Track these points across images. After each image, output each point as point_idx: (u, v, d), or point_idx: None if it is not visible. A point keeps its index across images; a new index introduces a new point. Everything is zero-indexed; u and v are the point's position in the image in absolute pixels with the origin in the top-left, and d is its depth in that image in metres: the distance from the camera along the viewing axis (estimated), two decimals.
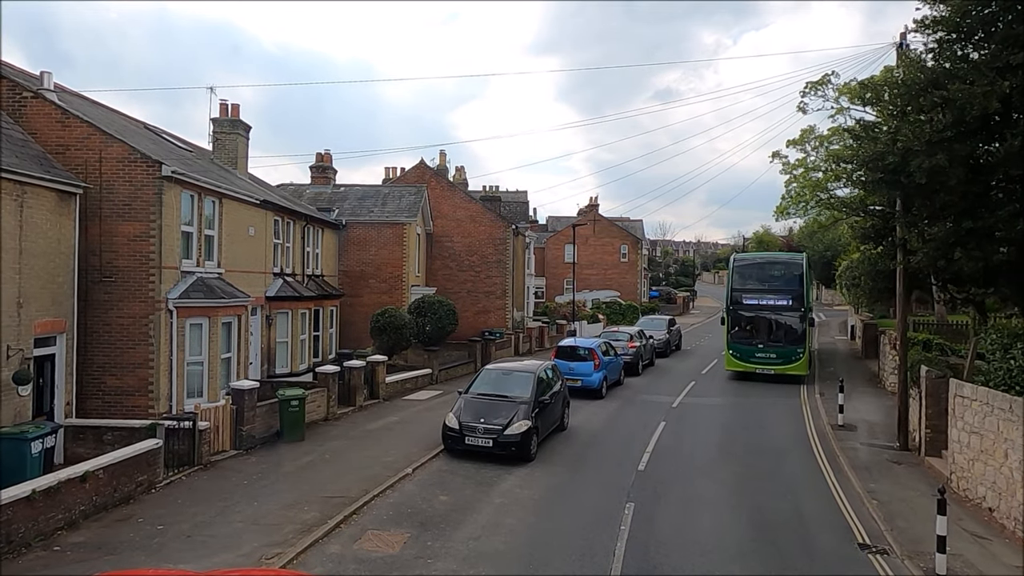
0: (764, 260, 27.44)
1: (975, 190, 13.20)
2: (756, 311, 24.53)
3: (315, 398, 17.45)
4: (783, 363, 23.89)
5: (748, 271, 25.66)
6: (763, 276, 25.17)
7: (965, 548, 9.97)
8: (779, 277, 24.83)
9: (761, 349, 24.28)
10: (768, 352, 24.18)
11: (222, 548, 9.40)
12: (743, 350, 24.62)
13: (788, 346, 23.89)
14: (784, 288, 24.34)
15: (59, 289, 13.43)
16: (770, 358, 24.12)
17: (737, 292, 25.04)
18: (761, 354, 24.26)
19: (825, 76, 21.97)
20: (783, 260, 26.42)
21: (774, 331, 24.33)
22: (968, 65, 13.09)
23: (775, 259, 27.72)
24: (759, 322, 24.53)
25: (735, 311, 24.83)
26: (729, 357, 25.07)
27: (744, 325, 24.70)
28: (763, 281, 24.91)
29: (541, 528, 10.54)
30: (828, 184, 25.66)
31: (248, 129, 23.24)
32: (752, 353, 24.41)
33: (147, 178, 14.70)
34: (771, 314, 24.32)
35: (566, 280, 54.64)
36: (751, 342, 24.48)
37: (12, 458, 11.25)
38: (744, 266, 26.10)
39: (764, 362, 24.20)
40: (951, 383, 13.43)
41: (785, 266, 25.45)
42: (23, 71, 16.26)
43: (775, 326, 24.32)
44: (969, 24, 12.86)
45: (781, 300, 24.25)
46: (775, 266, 25.76)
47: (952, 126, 12.44)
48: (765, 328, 24.44)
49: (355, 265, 29.30)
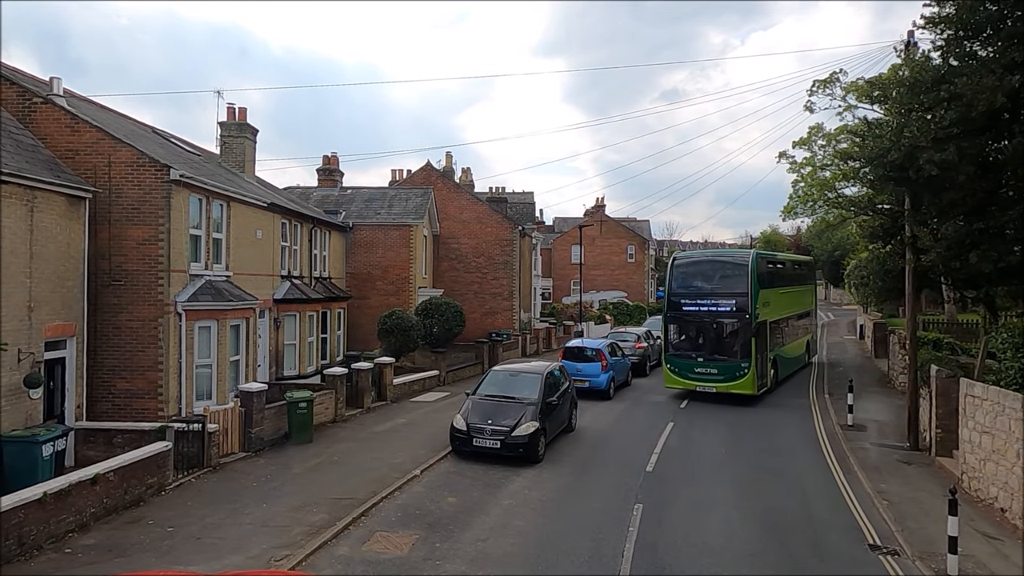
0: (707, 259, 24.15)
1: (985, 188, 13.12)
2: (696, 318, 21.39)
3: (323, 400, 17.51)
4: (725, 380, 20.53)
5: (690, 272, 22.36)
6: (706, 278, 21.92)
7: (977, 549, 9.90)
8: (723, 279, 21.47)
9: (701, 363, 21.02)
10: (708, 367, 20.87)
11: (231, 550, 9.44)
12: (681, 364, 21.49)
13: (731, 360, 20.54)
14: (728, 291, 20.95)
15: (69, 293, 13.52)
16: (711, 374, 20.81)
17: (676, 296, 21.85)
18: (701, 369, 20.99)
19: (833, 74, 21.76)
20: (728, 260, 23.10)
21: (716, 342, 21.05)
22: (976, 62, 13.02)
23: (719, 258, 24.44)
24: (699, 331, 21.43)
25: (673, 318, 21.88)
26: (667, 372, 21.96)
27: (683, 335, 21.76)
28: (705, 283, 21.70)
29: (549, 529, 10.53)
30: (836, 183, 25.39)
31: (255, 132, 23.35)
32: (691, 367, 21.19)
33: (155, 182, 14.79)
34: (712, 322, 21.07)
35: (573, 281, 54.59)
36: (690, 355, 21.34)
37: (23, 461, 11.33)
38: (686, 265, 22.77)
39: (705, 378, 20.92)
40: (962, 382, 13.34)
41: (730, 266, 21.82)
42: (33, 77, 16.40)
43: (717, 336, 21.07)
44: (976, 21, 12.78)
45: (724, 305, 20.85)
46: (719, 266, 22.38)
47: (958, 123, 12.37)
48: (706, 338, 21.28)
49: (362, 267, 29.37)
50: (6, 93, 14.56)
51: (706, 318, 21.16)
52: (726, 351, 20.78)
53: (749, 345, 20.25)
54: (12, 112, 14.36)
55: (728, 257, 24.07)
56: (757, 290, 20.65)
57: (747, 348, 20.26)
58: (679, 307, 21.69)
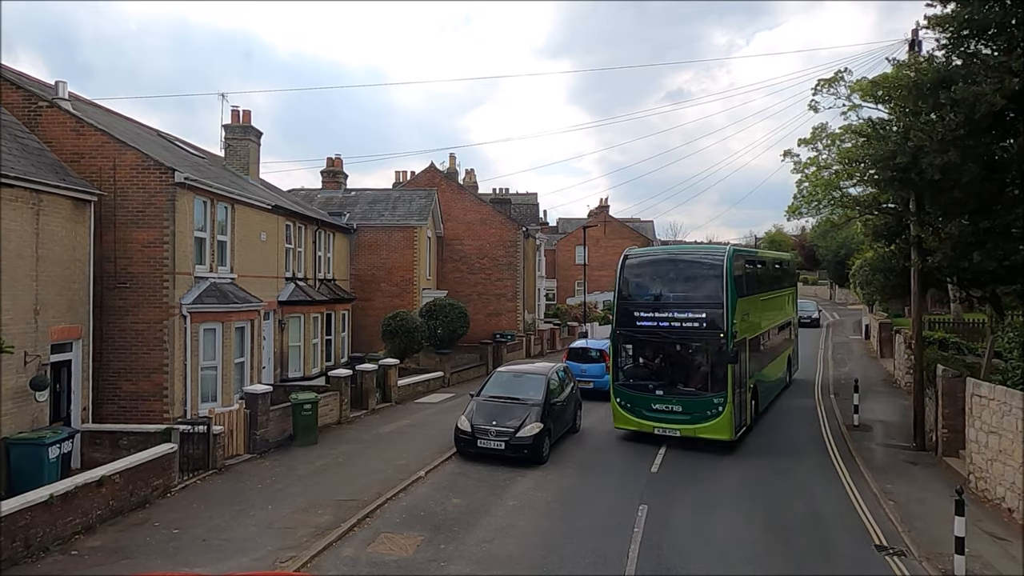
0: (668, 257, 18.09)
1: (990, 188, 13.08)
2: (654, 337, 16.02)
3: (328, 402, 17.53)
4: (692, 420, 15.31)
5: (645, 274, 17.10)
6: (667, 282, 16.62)
7: (984, 549, 9.85)
8: (690, 283, 16.33)
9: (660, 398, 15.69)
10: (670, 402, 15.57)
11: (237, 551, 9.46)
12: (634, 398, 16.02)
13: (700, 394, 15.37)
14: (696, 301, 15.76)
15: (75, 295, 13.58)
16: (673, 412, 15.54)
17: (627, 306, 16.50)
18: (660, 405, 15.65)
19: (838, 73, 21.65)
20: (696, 258, 17.27)
21: (680, 369, 15.95)
22: (980, 61, 12.98)
23: (684, 256, 18.05)
24: (658, 354, 16.22)
25: (624, 336, 16.39)
26: (616, 408, 16.30)
27: (636, 358, 16.49)
28: (666, 290, 16.44)
29: (554, 531, 10.52)
30: (840, 183, 25.29)
31: (259, 135, 23.44)
32: (648, 403, 15.81)
33: (160, 185, 14.85)
34: (675, 342, 15.81)
35: (577, 282, 54.56)
36: (646, 385, 15.98)
37: (30, 463, 11.40)
38: (640, 266, 17.29)
39: (665, 417, 15.60)
40: (968, 382, 13.28)
41: (699, 267, 16.51)
42: (38, 81, 16.48)
43: (681, 361, 15.94)
44: (980, 21, 12.74)
45: (690, 320, 15.58)
46: (685, 267, 16.89)
47: (963, 124, 12.34)
48: (667, 364, 16.08)
49: (366, 269, 29.42)
50: (12, 97, 14.64)
51: (667, 337, 15.81)
52: (693, 381, 15.72)
53: (724, 373, 15.09)
54: (18, 116, 14.44)
55: (696, 255, 17.84)
56: (735, 299, 15.44)
57: (721, 377, 15.12)
58: (631, 321, 16.29)
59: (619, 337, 16.54)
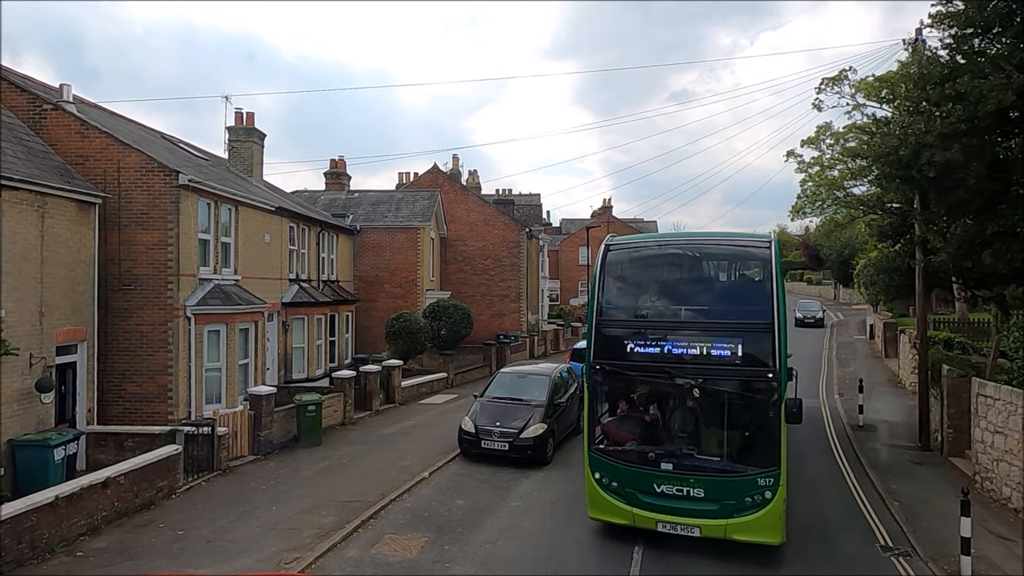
0: (678, 251, 11.14)
1: (994, 187, 13.02)
2: (656, 375, 9.82)
3: (332, 403, 17.55)
4: (719, 512, 9.41)
5: (641, 276, 10.92)
6: (677, 288, 10.54)
7: (990, 550, 9.81)
8: (716, 290, 10.70)
9: (669, 475, 9.62)
10: (684, 482, 9.56)
11: (242, 552, 9.48)
12: (623, 474, 9.97)
13: (734, 468, 9.53)
14: (728, 319, 9.89)
15: (80, 298, 13.62)
16: (690, 499, 9.54)
17: (611, 326, 10.24)
18: (669, 485, 9.61)
19: (842, 72, 21.65)
20: (723, 250, 11.15)
21: (699, 428, 9.84)
22: (984, 59, 12.93)
23: (703, 247, 11.05)
24: (663, 404, 10.07)
25: (605, 373, 10.08)
26: (592, 488, 10.25)
27: (626, 409, 10.49)
28: (676, 301, 10.32)
29: (558, 531, 10.52)
30: (844, 182, 25.25)
31: (263, 137, 23.49)
32: (647, 482, 9.74)
33: (164, 187, 14.89)
34: (695, 384, 9.45)
35: (581, 283, 54.54)
36: (644, 455, 9.90)
37: (36, 465, 11.44)
38: (631, 263, 11.05)
39: (675, 507, 9.60)
40: (973, 382, 13.24)
41: (729, 264, 11.16)
42: (43, 84, 16.55)
43: (703, 416, 9.77)
44: (985, 18, 12.70)
45: (720, 349, 9.51)
46: (704, 264, 10.93)
47: (966, 120, 12.28)
48: (678, 420, 9.95)
49: (370, 270, 29.46)
50: (17, 100, 14.70)
51: (679, 377, 9.46)
52: (723, 448, 9.66)
53: (773, 434, 9.25)
54: (23, 119, 14.50)
55: (723, 246, 11.17)
56: (784, 313, 9.45)
57: (769, 442, 9.29)
58: (617, 350, 9.96)
59: (598, 375, 9.98)
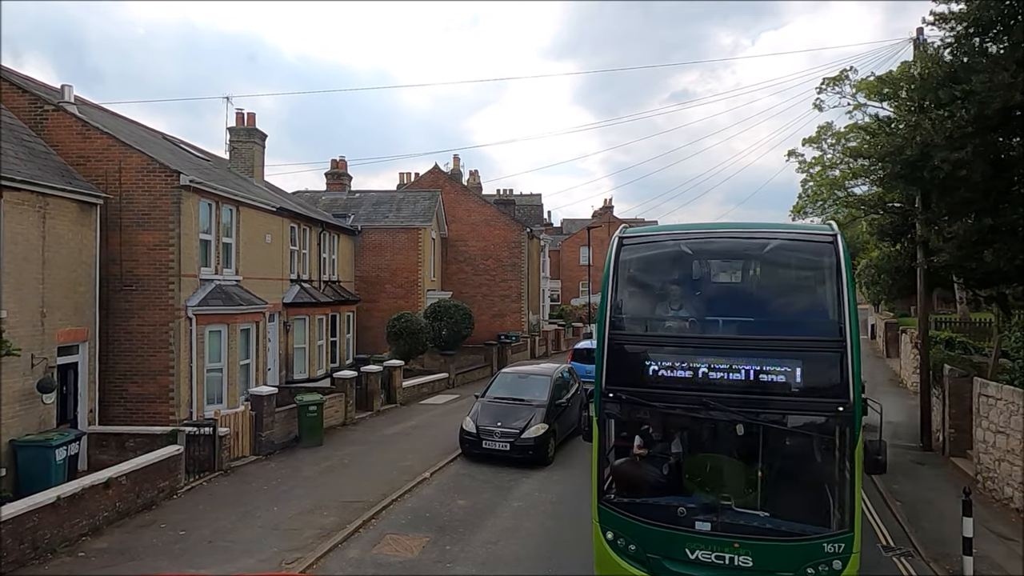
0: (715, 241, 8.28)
1: (997, 186, 13.01)
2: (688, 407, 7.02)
3: (333, 403, 17.56)
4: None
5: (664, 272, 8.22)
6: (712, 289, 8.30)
7: (992, 550, 9.79)
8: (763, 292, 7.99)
9: (707, 537, 6.77)
10: (727, 548, 6.67)
11: (243, 553, 9.48)
12: (644, 533, 7.03)
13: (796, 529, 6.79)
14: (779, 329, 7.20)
15: (81, 298, 13.63)
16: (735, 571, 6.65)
17: (628, 342, 7.52)
18: (707, 550, 6.73)
19: (843, 72, 21.72)
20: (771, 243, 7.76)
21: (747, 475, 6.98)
22: (987, 59, 12.91)
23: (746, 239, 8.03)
24: (698, 444, 7.45)
25: (621, 403, 7.32)
26: (603, 548, 7.40)
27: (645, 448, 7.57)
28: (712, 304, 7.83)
29: (560, 532, 10.51)
30: (845, 182, 25.26)
31: (264, 137, 23.51)
32: (678, 544, 6.84)
33: (166, 187, 14.89)
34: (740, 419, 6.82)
35: (581, 283, 54.51)
36: (672, 510, 6.99)
37: (37, 465, 11.45)
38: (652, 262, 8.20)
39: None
40: (975, 382, 13.21)
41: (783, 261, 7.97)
42: (44, 85, 16.57)
43: (753, 459, 6.93)
44: (988, 18, 12.68)
45: (774, 373, 6.74)
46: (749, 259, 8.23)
47: (974, 121, 12.27)
48: (719, 464, 7.20)
49: (371, 270, 29.47)
50: (18, 101, 14.71)
51: (721, 409, 6.88)
52: (776, 504, 6.97)
53: (843, 486, 6.90)
54: (24, 120, 14.51)
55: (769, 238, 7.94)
56: (857, 327, 7.07)
57: (839, 496, 6.94)
58: (635, 374, 7.30)
59: (611, 405, 7.44)
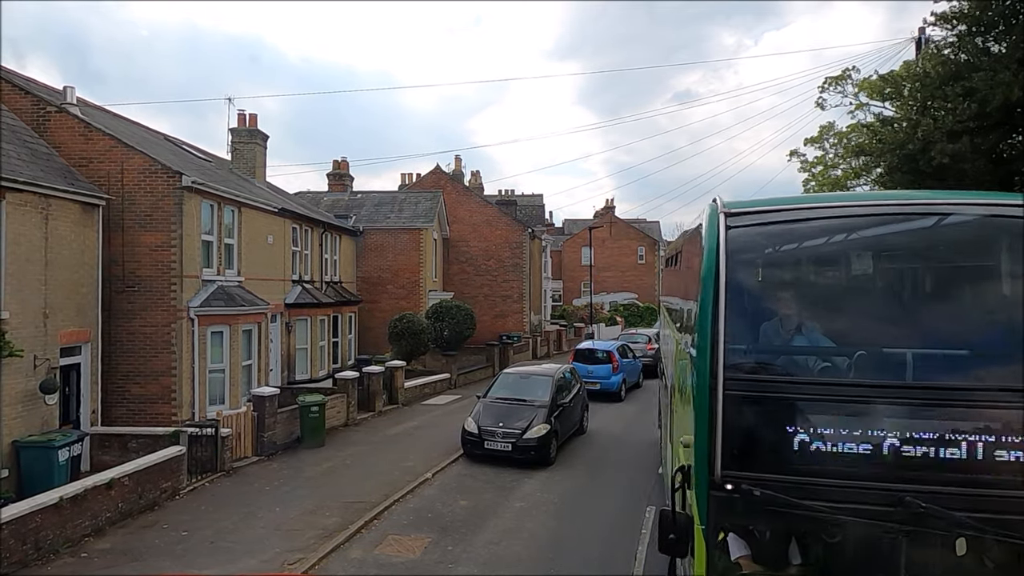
0: (882, 214, 4.41)
1: (995, 180, 13.02)
2: (867, 505, 3.61)
3: (335, 404, 17.56)
4: None
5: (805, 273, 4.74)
6: (890, 297, 4.51)
7: None
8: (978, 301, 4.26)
9: None
10: None
11: (245, 553, 9.49)
12: None
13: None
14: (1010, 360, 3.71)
15: (83, 299, 13.65)
16: None
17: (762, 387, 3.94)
18: None
19: (845, 71, 21.67)
20: (969, 218, 4.09)
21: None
22: (989, 58, 12.92)
23: (929, 210, 4.29)
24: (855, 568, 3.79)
25: (751, 507, 3.73)
26: None
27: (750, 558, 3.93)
28: (889, 324, 4.18)
29: (562, 532, 10.50)
30: (848, 182, 25.22)
31: (266, 138, 23.54)
32: None
33: (168, 188, 14.91)
34: (956, 524, 3.46)
35: (583, 283, 54.48)
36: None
37: (40, 466, 11.47)
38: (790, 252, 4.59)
39: None
40: None
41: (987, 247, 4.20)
42: (47, 86, 16.59)
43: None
44: (989, 17, 12.68)
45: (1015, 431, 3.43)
46: (944, 246, 4.35)
47: (975, 118, 12.29)
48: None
49: (373, 271, 29.49)
50: (21, 103, 14.74)
51: (940, 518, 3.48)
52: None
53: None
54: (27, 121, 14.54)
55: (964, 207, 4.22)
56: None
57: None
58: (778, 451, 3.80)
59: (734, 506, 3.89)
